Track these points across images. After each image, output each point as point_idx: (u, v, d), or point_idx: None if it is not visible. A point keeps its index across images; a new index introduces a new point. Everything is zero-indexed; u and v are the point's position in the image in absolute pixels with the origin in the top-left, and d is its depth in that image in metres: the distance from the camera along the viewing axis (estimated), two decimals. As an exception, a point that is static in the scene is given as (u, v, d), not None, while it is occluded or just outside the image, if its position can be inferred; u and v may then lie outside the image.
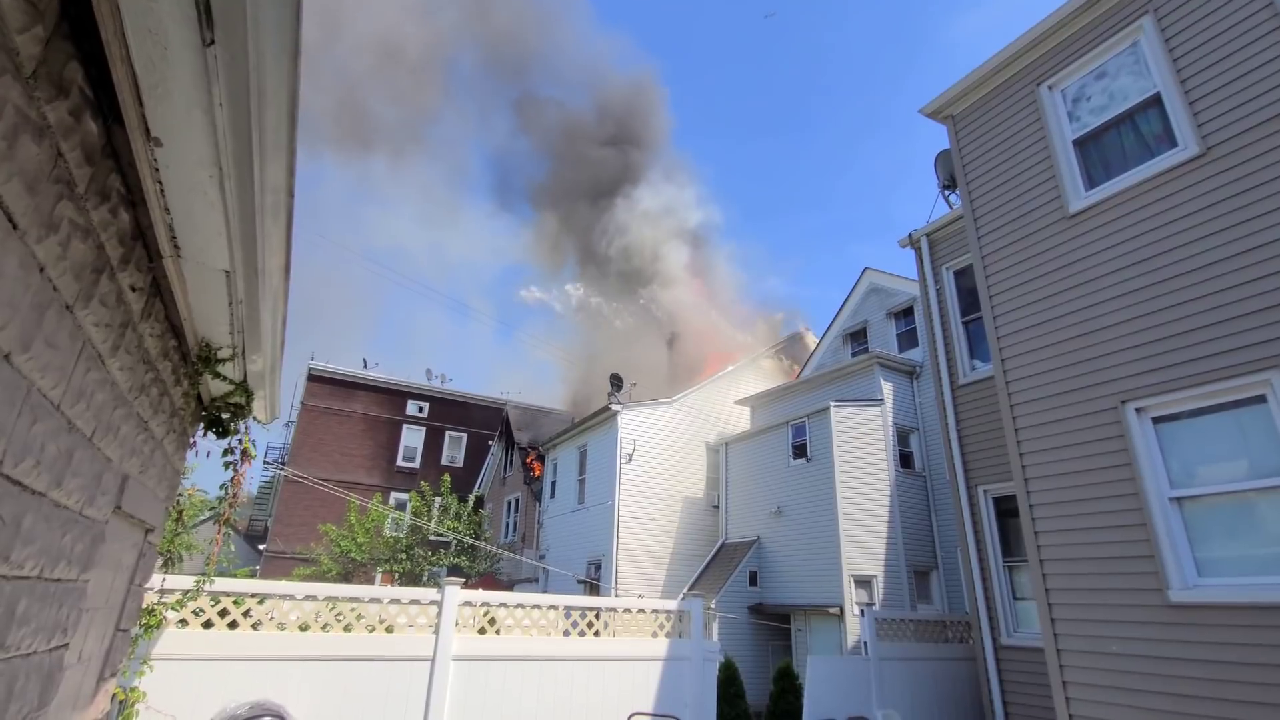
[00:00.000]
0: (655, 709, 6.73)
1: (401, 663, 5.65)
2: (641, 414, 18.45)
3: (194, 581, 4.35)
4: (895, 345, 17.08)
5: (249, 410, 4.44)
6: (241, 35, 1.45)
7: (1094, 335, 5.66)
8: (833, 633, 13.11)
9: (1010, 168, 6.81)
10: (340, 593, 5.65)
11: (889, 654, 8.77)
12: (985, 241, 6.87)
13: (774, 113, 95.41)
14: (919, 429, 14.97)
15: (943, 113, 7.66)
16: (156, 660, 4.39)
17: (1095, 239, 5.84)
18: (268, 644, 5.16)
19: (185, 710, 4.52)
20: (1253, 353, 4.66)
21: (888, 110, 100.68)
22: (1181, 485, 4.96)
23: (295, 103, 1.68)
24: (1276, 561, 4.44)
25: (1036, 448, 5.92)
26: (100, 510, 2.63)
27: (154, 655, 4.56)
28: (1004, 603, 8.08)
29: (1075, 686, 5.21)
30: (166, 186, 2.09)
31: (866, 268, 18.63)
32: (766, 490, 15.81)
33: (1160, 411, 5.16)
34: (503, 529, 27.43)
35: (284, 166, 1.91)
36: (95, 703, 3.37)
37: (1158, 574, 4.88)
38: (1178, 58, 5.52)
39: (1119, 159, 5.92)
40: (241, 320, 3.05)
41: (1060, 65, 6.48)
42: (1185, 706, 4.57)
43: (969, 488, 8.78)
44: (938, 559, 13.98)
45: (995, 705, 7.81)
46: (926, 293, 10.04)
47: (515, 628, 6.43)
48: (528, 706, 6.09)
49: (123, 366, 2.50)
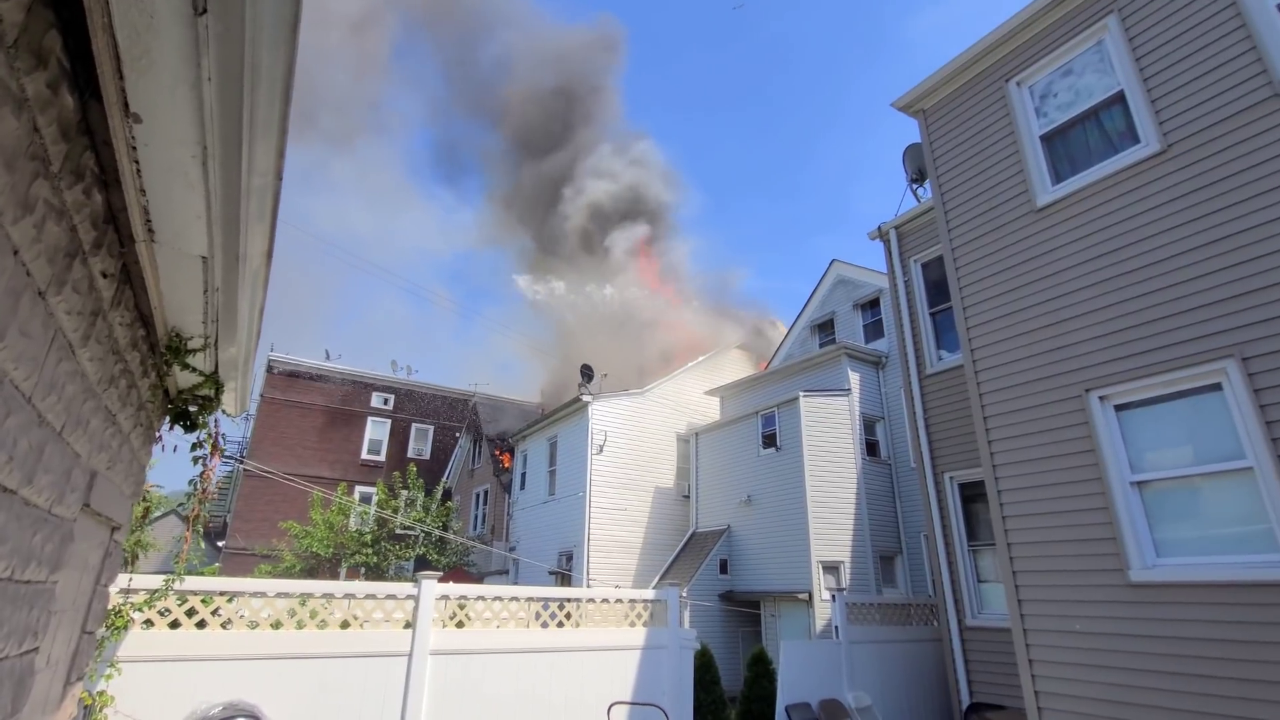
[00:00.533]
0: (634, 698, 6.76)
1: (378, 658, 5.56)
2: (613, 405, 18.43)
3: (162, 581, 4.18)
4: (862, 336, 17.40)
5: (218, 403, 4.27)
6: (238, 4, 1.37)
7: (1060, 325, 5.85)
8: (801, 618, 13.37)
9: (980, 162, 6.96)
10: (314, 589, 5.52)
11: (858, 637, 8.98)
12: (955, 234, 7.02)
13: (730, 102, 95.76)
14: (885, 418, 15.31)
15: (914, 107, 7.78)
16: (124, 663, 4.23)
17: (1061, 232, 6.02)
18: (239, 643, 5.01)
19: (155, 713, 4.36)
20: (1209, 342, 4.87)
21: (845, 106, 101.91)
22: (1142, 470, 5.17)
23: (291, 79, 1.60)
24: (1229, 541, 4.67)
25: (1004, 435, 6.11)
26: (69, 508, 2.51)
27: (121, 657, 4.39)
28: (969, 585, 8.34)
29: (1041, 665, 5.42)
30: (144, 166, 1.97)
31: (834, 260, 18.91)
32: (736, 479, 15.98)
33: (1122, 399, 5.36)
34: (471, 521, 27.17)
35: (274, 148, 1.82)
36: (63, 708, 3.22)
37: (1119, 555, 5.09)
38: (1140, 56, 5.70)
39: (1084, 154, 6.10)
40: (217, 309, 2.92)
41: (1028, 62, 6.64)
42: (1144, 680, 4.79)
43: (936, 474, 9.02)
44: (902, 544, 14.36)
45: (960, 683, 8.07)
46: (895, 284, 10.23)
47: (493, 620, 6.38)
48: (506, 699, 6.05)
49: (93, 357, 2.38)
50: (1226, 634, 4.46)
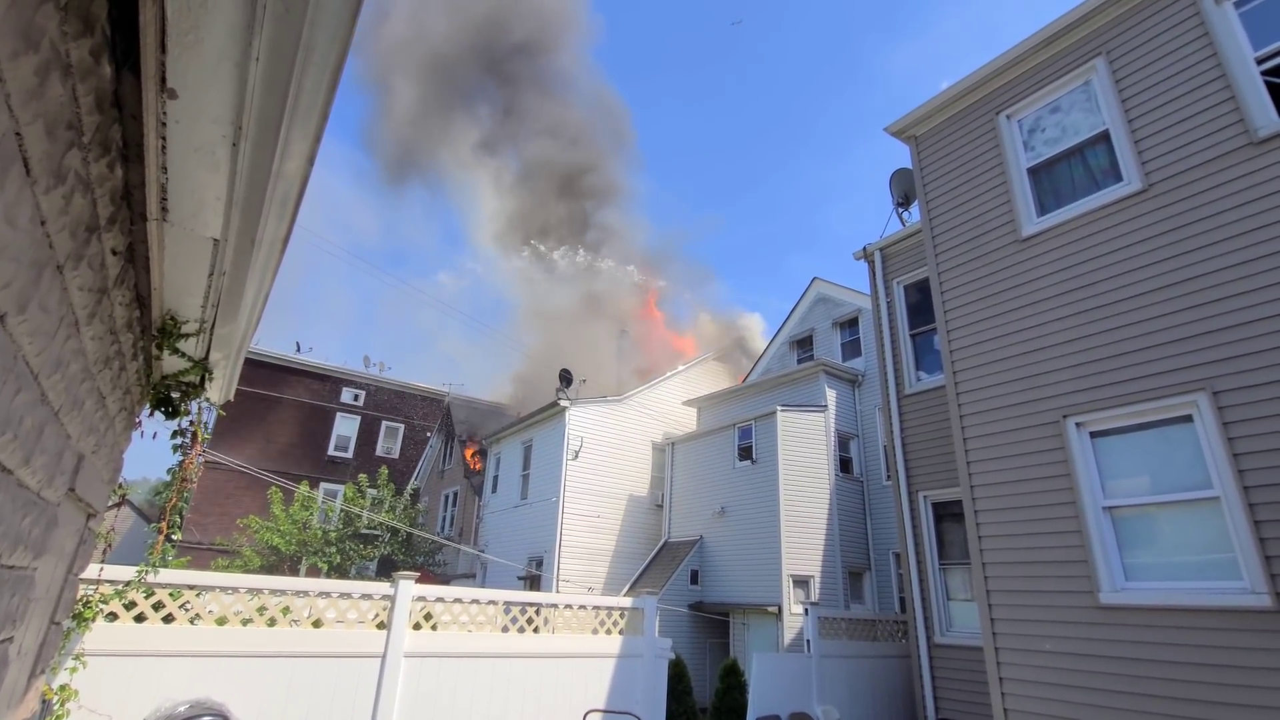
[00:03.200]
0: (608, 705, 6.71)
1: (351, 659, 5.43)
2: (590, 410, 18.37)
3: (135, 572, 4.03)
4: (840, 354, 17.66)
5: (202, 390, 4.16)
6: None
7: (1040, 353, 6.02)
8: (770, 630, 13.43)
9: (968, 190, 7.16)
10: (288, 586, 5.38)
11: (829, 651, 9.06)
12: (942, 259, 7.19)
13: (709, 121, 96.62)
14: (859, 436, 15.53)
15: (907, 133, 7.97)
16: (90, 656, 4.06)
17: (1044, 263, 6.21)
18: (208, 639, 4.86)
19: (119, 709, 4.20)
20: (1182, 375, 5.06)
21: (819, 129, 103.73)
22: (1114, 495, 5.34)
23: (342, 65, 1.59)
24: (1195, 568, 4.84)
25: (983, 456, 6.25)
26: (56, 491, 2.42)
27: (88, 650, 4.23)
28: (938, 603, 8.48)
29: (1011, 683, 5.53)
30: (170, 144, 1.93)
31: (815, 278, 19.18)
32: (711, 490, 16.04)
33: (1098, 426, 5.54)
34: (439, 522, 26.76)
35: (313, 133, 1.80)
36: (25, 701, 3.08)
37: (1090, 577, 5.24)
38: (1126, 98, 5.93)
39: (1069, 189, 6.31)
40: (220, 293, 2.85)
41: (1019, 96, 6.86)
42: (1110, 701, 4.92)
43: (910, 493, 9.17)
44: (870, 561, 14.54)
45: (927, 699, 8.19)
46: (878, 304, 10.42)
47: (470, 624, 6.29)
48: (480, 704, 5.96)
49: (95, 336, 2.31)
50: (1191, 657, 4.61)
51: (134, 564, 13.37)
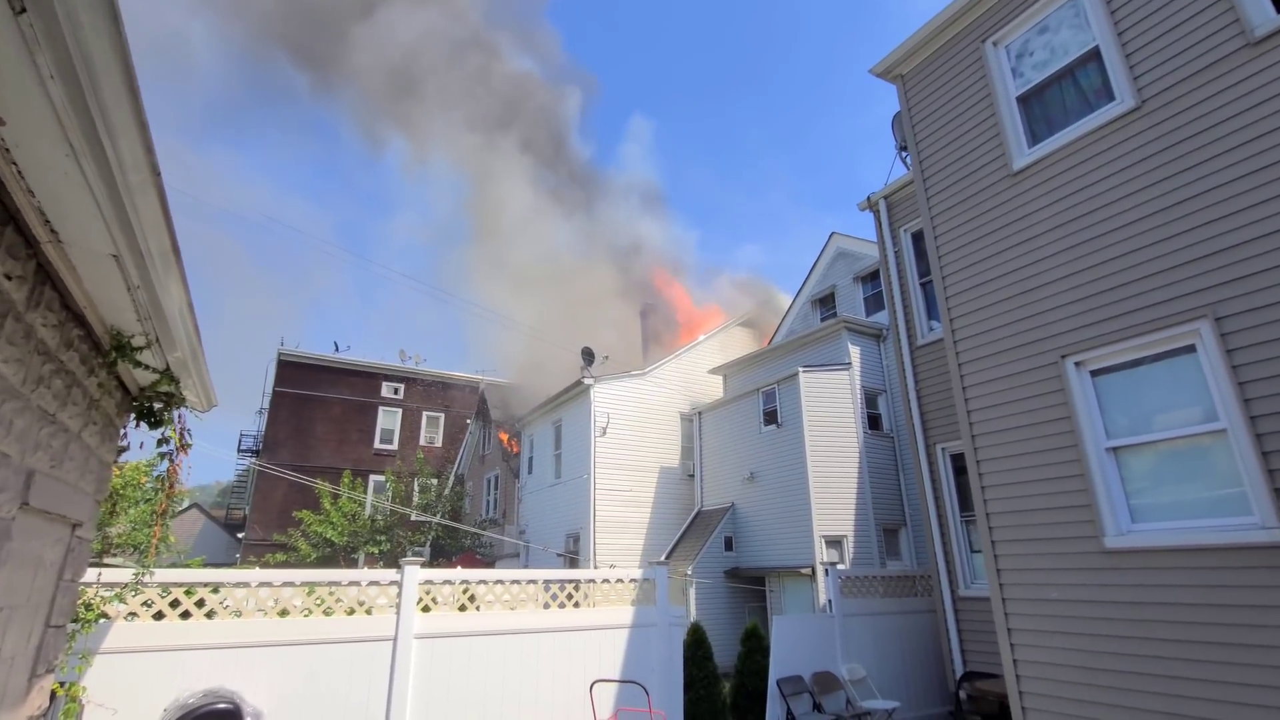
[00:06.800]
0: (624, 674, 6.85)
1: (363, 643, 5.67)
2: (614, 387, 18.46)
3: (132, 575, 4.29)
4: (863, 309, 17.21)
5: (181, 399, 4.33)
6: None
7: (1036, 292, 5.73)
8: (805, 592, 13.42)
9: (958, 126, 6.79)
10: (297, 578, 5.63)
11: (853, 610, 9.00)
12: (934, 201, 6.88)
13: (734, 77, 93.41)
14: (886, 391, 15.18)
15: (892, 72, 7.59)
16: (106, 654, 4.35)
17: (1037, 195, 5.87)
18: (223, 632, 5.14)
19: (140, 702, 4.50)
20: (1183, 303, 4.75)
21: (849, 77, 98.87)
22: (1117, 435, 5.09)
23: (130, 71, 1.59)
24: (1203, 505, 4.59)
25: (983, 404, 6.03)
26: (2, 508, 2.55)
27: (102, 649, 4.52)
28: (961, 556, 8.31)
29: (1019, 633, 5.40)
30: (24, 168, 1.98)
31: (834, 232, 18.65)
32: (739, 457, 15.99)
33: (1098, 365, 5.26)
34: (484, 506, 27.50)
35: (138, 142, 1.82)
36: (29, 699, 3.33)
37: (1094, 522, 5.03)
38: (1115, 9, 5.49)
39: (1060, 115, 5.92)
40: (146, 307, 2.95)
41: (1005, 20, 6.43)
42: (1119, 647, 4.76)
43: (928, 446, 8.95)
44: (905, 516, 14.31)
45: (954, 653, 8.08)
46: (886, 255, 10.09)
47: (483, 603, 6.47)
48: (493, 679, 6.16)
49: (7, 359, 2.40)
50: (1201, 598, 4.40)
51: (211, 562, 13.96)
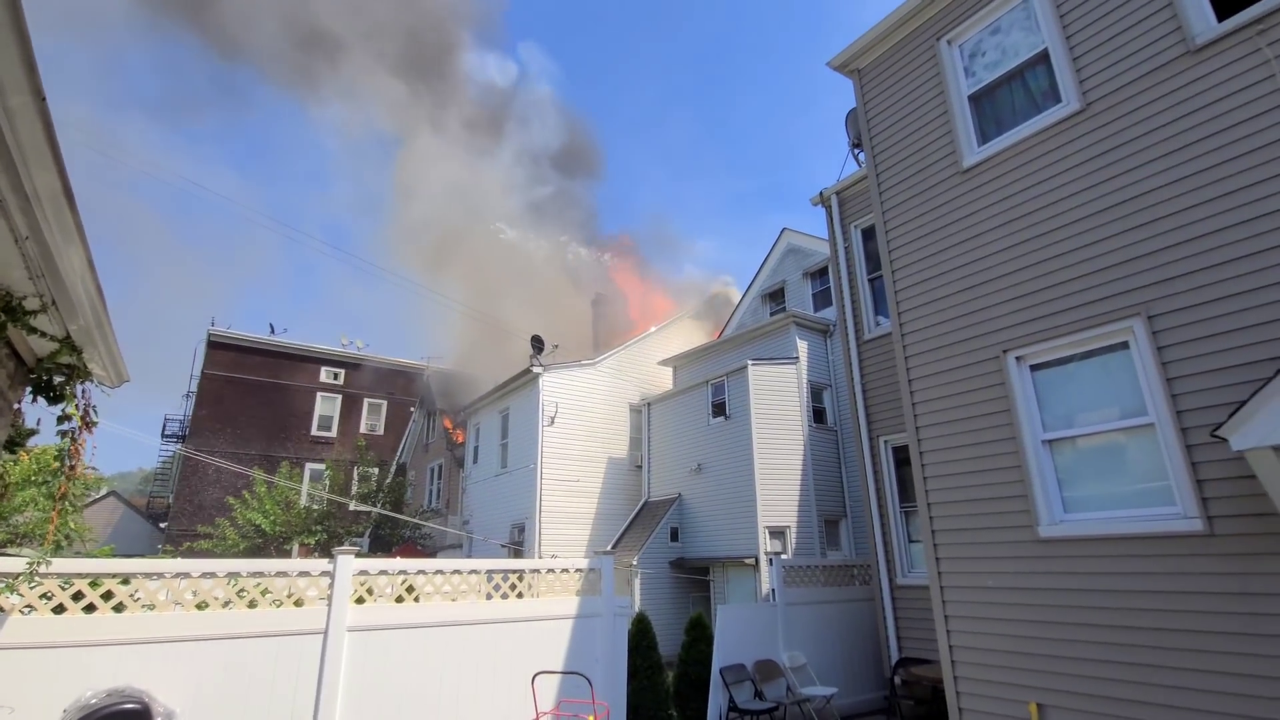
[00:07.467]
0: (567, 666, 6.72)
1: (292, 637, 5.36)
2: (564, 376, 18.22)
3: (26, 564, 3.88)
4: (811, 304, 17.50)
5: (85, 372, 3.94)
6: None
7: (981, 288, 5.86)
8: (749, 582, 13.58)
9: (911, 123, 6.88)
10: (218, 569, 5.26)
11: (795, 599, 9.13)
12: (886, 197, 6.97)
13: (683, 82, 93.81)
14: (831, 385, 15.48)
15: (849, 66, 7.64)
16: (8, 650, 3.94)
17: (985, 194, 6.00)
18: (135, 627, 4.75)
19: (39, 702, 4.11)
20: (1118, 301, 4.92)
21: (811, 74, 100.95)
22: (1053, 428, 5.25)
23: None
24: (1131, 497, 4.79)
25: (927, 397, 6.15)
26: None
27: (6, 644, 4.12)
28: (900, 545, 8.52)
29: (956, 619, 5.54)
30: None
31: (785, 228, 18.88)
32: (687, 448, 16.04)
33: (1037, 359, 5.42)
34: (427, 496, 26.82)
35: (16, 58, 1.56)
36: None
37: (1030, 512, 5.19)
38: (1064, 13, 5.64)
39: (1009, 115, 6.06)
40: (38, 262, 2.62)
41: (959, 19, 6.54)
42: (1051, 633, 4.92)
43: (871, 438, 9.13)
44: (846, 508, 14.66)
45: (890, 639, 8.29)
46: (836, 250, 10.22)
47: (423, 594, 6.22)
48: (432, 673, 5.93)
49: None
50: (1129, 585, 4.59)
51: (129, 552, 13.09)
